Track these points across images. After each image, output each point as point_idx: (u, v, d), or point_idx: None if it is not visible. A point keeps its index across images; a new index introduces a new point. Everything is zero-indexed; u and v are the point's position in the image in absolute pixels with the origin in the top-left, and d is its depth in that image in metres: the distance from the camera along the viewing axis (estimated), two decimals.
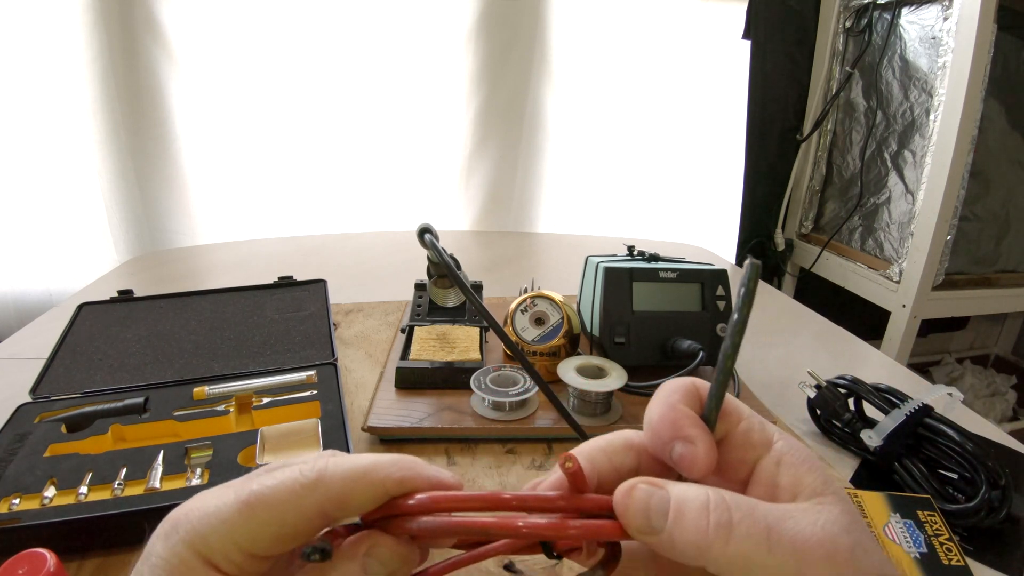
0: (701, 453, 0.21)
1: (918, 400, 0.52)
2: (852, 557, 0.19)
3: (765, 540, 0.19)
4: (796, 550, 0.19)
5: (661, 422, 0.22)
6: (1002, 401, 1.80)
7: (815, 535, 0.19)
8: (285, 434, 0.49)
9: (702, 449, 0.21)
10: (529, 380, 0.57)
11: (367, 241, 1.24)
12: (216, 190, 1.37)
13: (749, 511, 0.19)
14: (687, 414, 0.22)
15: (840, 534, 0.19)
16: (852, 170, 1.58)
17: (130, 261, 1.16)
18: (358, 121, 1.39)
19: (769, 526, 0.19)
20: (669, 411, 0.22)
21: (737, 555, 0.19)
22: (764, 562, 0.19)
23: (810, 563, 0.19)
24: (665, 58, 1.49)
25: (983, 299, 1.45)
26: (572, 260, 0.83)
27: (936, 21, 1.31)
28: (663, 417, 0.22)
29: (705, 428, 0.22)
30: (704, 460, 0.21)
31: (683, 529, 0.19)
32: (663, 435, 0.22)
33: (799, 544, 0.19)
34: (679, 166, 1.59)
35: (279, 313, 0.70)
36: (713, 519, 0.19)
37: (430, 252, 0.60)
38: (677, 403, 0.23)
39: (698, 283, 0.65)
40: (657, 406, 0.23)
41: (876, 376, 0.61)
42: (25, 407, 0.53)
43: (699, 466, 0.21)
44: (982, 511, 0.45)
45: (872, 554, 0.19)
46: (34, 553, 0.32)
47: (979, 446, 0.48)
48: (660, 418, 0.22)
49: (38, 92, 1.18)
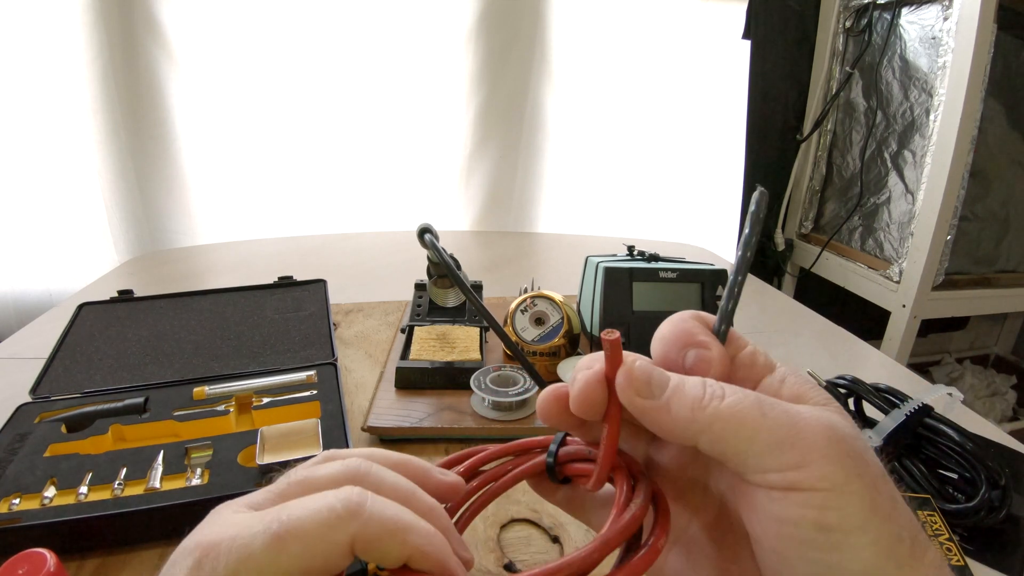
0: (716, 355, 0.22)
1: (918, 400, 0.51)
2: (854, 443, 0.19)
3: (758, 407, 0.19)
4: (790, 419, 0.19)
5: (673, 333, 0.23)
6: (1002, 401, 1.79)
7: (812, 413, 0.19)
8: (285, 434, 0.49)
9: (716, 352, 0.22)
10: (529, 380, 0.57)
11: (367, 241, 1.24)
12: (216, 190, 1.37)
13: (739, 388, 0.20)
14: (698, 326, 0.23)
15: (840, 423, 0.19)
16: (852, 170, 1.58)
17: (130, 261, 1.16)
18: (358, 121, 1.39)
19: (761, 400, 0.19)
20: (680, 323, 0.23)
21: (731, 418, 0.19)
22: (758, 424, 0.19)
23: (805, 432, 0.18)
24: (665, 58, 1.49)
25: (983, 299, 1.45)
26: (572, 260, 0.83)
27: (936, 21, 1.31)
28: (675, 329, 0.23)
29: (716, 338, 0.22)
30: (719, 361, 0.22)
31: (680, 396, 0.20)
32: (676, 344, 0.22)
33: (793, 413, 0.19)
34: (679, 166, 1.59)
35: (279, 313, 0.70)
36: (708, 391, 0.20)
37: (430, 252, 0.60)
38: (688, 318, 0.23)
39: (698, 283, 0.65)
40: (667, 324, 0.23)
41: (876, 376, 0.61)
42: (25, 407, 0.53)
43: (714, 368, 0.21)
44: (982, 511, 0.45)
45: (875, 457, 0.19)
46: (34, 553, 0.32)
47: (979, 446, 0.47)
48: (672, 330, 0.23)
49: (38, 92, 1.18)
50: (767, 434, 0.19)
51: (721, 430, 0.19)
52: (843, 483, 0.18)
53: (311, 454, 0.45)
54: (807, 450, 0.18)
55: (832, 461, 0.18)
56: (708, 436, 0.19)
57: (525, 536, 0.44)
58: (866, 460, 0.19)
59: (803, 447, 0.18)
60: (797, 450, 0.18)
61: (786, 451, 0.18)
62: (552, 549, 0.43)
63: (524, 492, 0.48)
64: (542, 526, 0.45)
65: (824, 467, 0.18)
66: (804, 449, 0.18)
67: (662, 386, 0.21)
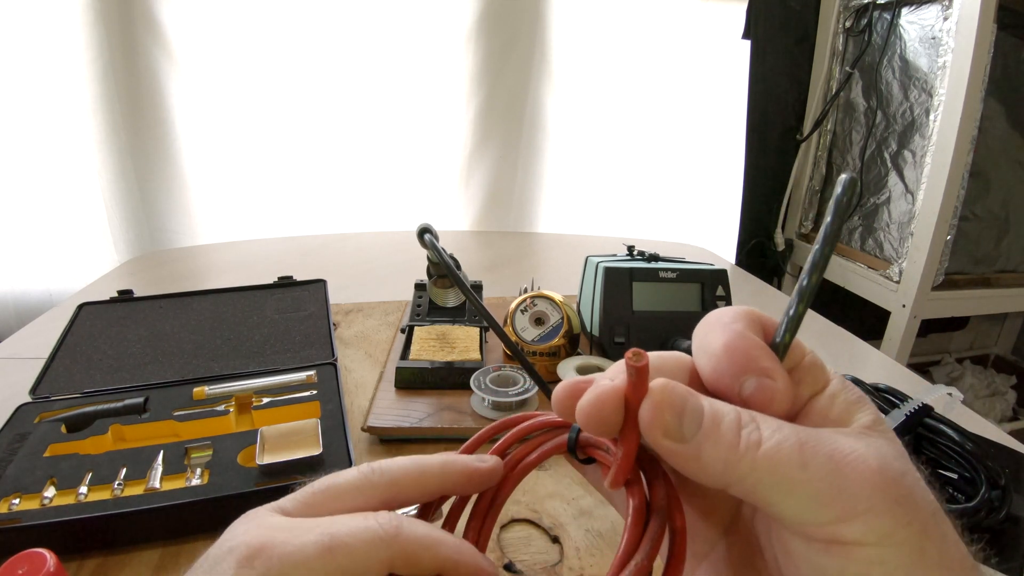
0: (781, 388, 0.18)
1: (918, 400, 0.51)
2: (902, 481, 0.16)
3: (798, 454, 0.17)
4: (834, 466, 0.16)
5: (730, 352, 0.19)
6: (1002, 401, 1.79)
7: (856, 451, 0.17)
8: (285, 434, 0.49)
9: (782, 384, 0.19)
10: (529, 380, 0.57)
11: (367, 241, 1.24)
12: (216, 190, 1.37)
13: (778, 427, 0.17)
14: (759, 344, 0.19)
15: (888, 457, 0.17)
16: (852, 170, 1.58)
17: (130, 261, 1.16)
18: (358, 121, 1.39)
19: (802, 441, 0.17)
20: (738, 339, 0.19)
21: (768, 470, 0.17)
22: (796, 477, 0.16)
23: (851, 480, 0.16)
24: (665, 58, 1.49)
25: (983, 299, 1.45)
26: (572, 260, 0.83)
27: (936, 21, 1.31)
28: (732, 346, 0.19)
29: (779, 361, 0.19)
30: (784, 396, 0.19)
31: (714, 442, 0.17)
32: (732, 367, 0.19)
33: (838, 459, 0.16)
34: (679, 166, 1.59)
35: (279, 313, 0.70)
36: (744, 434, 0.17)
37: (430, 252, 0.60)
38: (745, 330, 0.19)
39: (698, 283, 0.65)
40: (720, 332, 0.20)
41: (876, 376, 0.61)
42: (25, 407, 0.53)
43: (777, 404, 0.18)
44: (982, 511, 0.45)
45: (926, 491, 0.17)
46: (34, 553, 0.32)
47: (979, 446, 0.47)
48: (728, 347, 0.19)
49: (38, 92, 1.18)
50: (807, 487, 0.16)
51: (755, 483, 0.17)
52: (890, 533, 0.16)
53: (311, 454, 0.46)
54: (852, 502, 0.16)
55: (880, 513, 0.16)
56: (740, 487, 0.17)
57: (525, 536, 0.44)
58: (915, 501, 0.17)
59: (848, 499, 0.16)
60: (840, 503, 0.16)
61: (828, 505, 0.16)
62: (552, 549, 0.43)
63: (524, 492, 0.48)
64: (542, 526, 0.45)
65: (870, 520, 0.16)
66: (849, 501, 0.16)
67: (694, 426, 0.18)
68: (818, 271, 0.19)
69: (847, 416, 0.19)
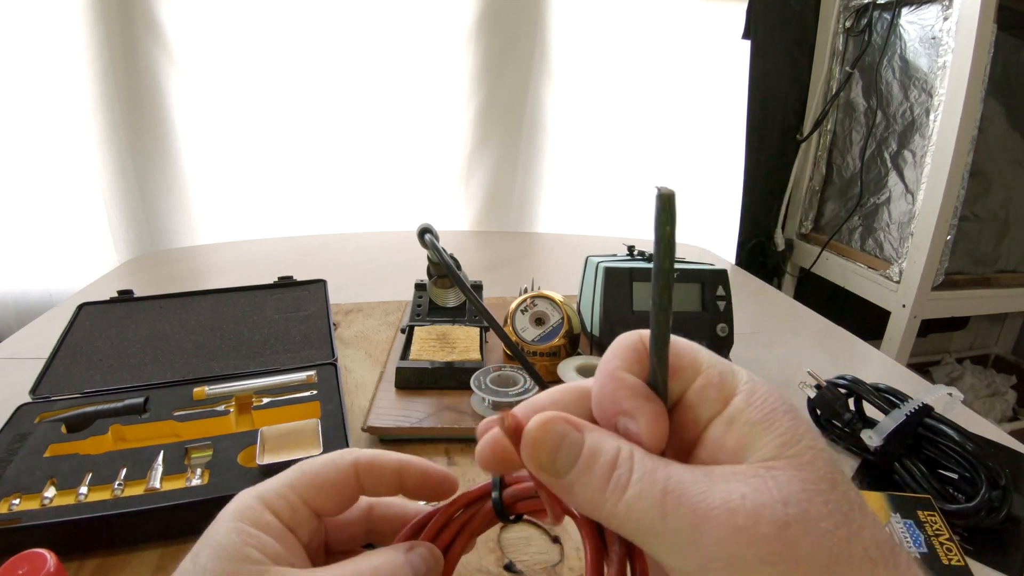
0: (644, 429, 0.19)
1: (918, 400, 0.51)
2: (779, 535, 0.15)
3: (659, 505, 0.17)
4: (695, 521, 0.16)
5: (601, 395, 0.20)
6: (1002, 401, 1.80)
7: (727, 504, 0.16)
8: (285, 434, 0.49)
9: (644, 425, 0.19)
10: (529, 380, 0.57)
11: (367, 241, 1.24)
12: (216, 190, 1.37)
13: (650, 471, 0.17)
14: (628, 384, 0.20)
15: (771, 505, 0.16)
16: (852, 170, 1.58)
17: (130, 261, 1.16)
18: (358, 121, 1.39)
19: (667, 491, 0.17)
20: (608, 382, 0.20)
21: (628, 517, 0.17)
22: (656, 527, 0.17)
23: (712, 535, 0.16)
24: (665, 58, 1.49)
25: (983, 299, 1.45)
26: (572, 260, 0.83)
27: (936, 21, 1.31)
28: (603, 390, 0.20)
29: (651, 397, 0.19)
30: (649, 435, 0.19)
31: (585, 481, 0.18)
32: (602, 412, 0.20)
33: (700, 513, 0.16)
34: (679, 166, 1.59)
35: (279, 313, 0.70)
36: (615, 477, 0.17)
37: (430, 252, 0.60)
38: (616, 371, 0.20)
39: (698, 283, 0.65)
40: (598, 375, 0.20)
41: (876, 376, 0.61)
42: (25, 407, 0.53)
43: (647, 443, 0.19)
44: (982, 511, 0.45)
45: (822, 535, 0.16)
46: (34, 553, 0.32)
47: (979, 446, 0.47)
48: (600, 391, 0.20)
49: (38, 92, 1.18)
50: (665, 537, 0.17)
51: (619, 526, 0.18)
52: None
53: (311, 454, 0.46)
54: (708, 558, 0.16)
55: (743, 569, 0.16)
56: (611, 525, 0.18)
57: (525, 536, 0.44)
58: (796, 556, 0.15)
59: (704, 554, 0.16)
60: (698, 558, 0.16)
61: (688, 557, 0.16)
62: (552, 549, 0.43)
63: None
64: (542, 526, 0.45)
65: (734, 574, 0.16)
66: (705, 557, 0.16)
67: (568, 462, 0.18)
68: (662, 321, 0.19)
69: (745, 445, 0.18)
